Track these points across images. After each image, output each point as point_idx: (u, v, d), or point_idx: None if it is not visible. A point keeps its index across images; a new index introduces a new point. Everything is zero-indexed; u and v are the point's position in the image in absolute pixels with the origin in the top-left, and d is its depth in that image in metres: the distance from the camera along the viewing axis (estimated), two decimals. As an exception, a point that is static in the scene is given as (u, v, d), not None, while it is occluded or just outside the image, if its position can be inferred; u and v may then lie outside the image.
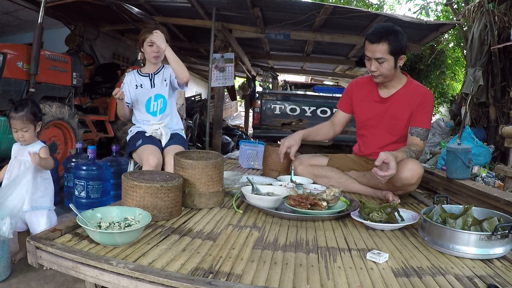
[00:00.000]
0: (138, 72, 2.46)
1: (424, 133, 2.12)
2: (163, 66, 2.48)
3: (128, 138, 2.41)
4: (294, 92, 6.46)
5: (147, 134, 2.28)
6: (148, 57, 2.38)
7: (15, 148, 1.88)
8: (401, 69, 2.21)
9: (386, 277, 1.10)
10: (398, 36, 1.96)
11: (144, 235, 1.33)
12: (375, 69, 2.03)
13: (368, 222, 1.57)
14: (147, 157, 2.03)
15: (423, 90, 2.15)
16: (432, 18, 7.77)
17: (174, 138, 2.33)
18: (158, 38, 2.21)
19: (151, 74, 2.41)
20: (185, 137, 2.51)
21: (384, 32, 1.95)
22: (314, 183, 2.18)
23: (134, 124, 2.44)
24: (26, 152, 1.79)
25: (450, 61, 7.67)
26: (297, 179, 2.23)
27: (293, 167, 2.33)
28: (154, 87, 2.39)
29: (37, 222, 1.79)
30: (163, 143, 2.27)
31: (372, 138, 2.31)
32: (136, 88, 2.38)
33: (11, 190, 1.66)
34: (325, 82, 12.35)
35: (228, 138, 7.35)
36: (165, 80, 2.41)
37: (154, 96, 2.38)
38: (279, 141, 5.46)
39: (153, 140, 2.24)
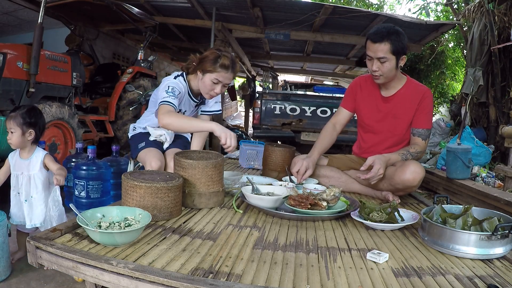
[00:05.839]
0: (189, 92, 2.12)
1: (425, 133, 2.16)
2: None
3: (130, 134, 2.35)
4: (294, 92, 6.46)
5: (151, 138, 2.21)
6: (204, 90, 2.05)
7: (13, 161, 1.82)
8: (401, 69, 2.21)
9: (386, 277, 1.10)
10: (400, 36, 1.98)
11: (144, 235, 1.33)
12: (377, 69, 2.03)
13: (368, 222, 1.57)
14: (150, 160, 1.99)
15: (423, 89, 2.17)
16: (432, 18, 7.77)
17: (177, 141, 2.28)
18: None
19: (199, 101, 2.21)
20: (189, 139, 2.47)
21: (386, 32, 1.96)
22: (318, 183, 2.17)
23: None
24: (31, 166, 1.80)
25: (450, 61, 7.67)
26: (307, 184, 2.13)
27: (288, 168, 2.32)
28: (191, 113, 2.25)
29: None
30: (165, 147, 2.25)
31: (373, 137, 2.31)
32: (179, 112, 2.13)
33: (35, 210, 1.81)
34: (325, 82, 12.35)
35: (228, 138, 7.33)
36: (198, 108, 2.28)
37: None
38: (279, 142, 5.50)
39: (156, 143, 2.21)
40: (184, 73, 2.12)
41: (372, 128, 2.29)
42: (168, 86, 1.97)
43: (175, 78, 2.07)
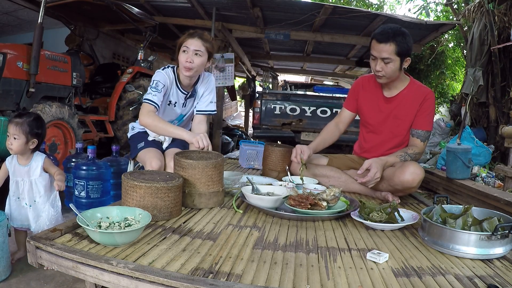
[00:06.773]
0: (177, 82, 2.14)
1: (425, 135, 2.15)
2: (199, 80, 2.20)
3: (129, 134, 2.35)
4: (294, 92, 6.46)
5: (149, 138, 2.22)
6: (180, 66, 2.07)
7: (11, 166, 1.81)
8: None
9: (386, 277, 1.10)
10: (406, 37, 1.96)
11: (144, 235, 1.33)
12: (380, 69, 2.02)
13: (368, 222, 1.57)
14: (150, 160, 1.99)
15: (426, 90, 2.16)
16: (432, 18, 7.77)
17: (177, 141, 2.27)
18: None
19: (188, 93, 2.20)
20: None
21: (392, 32, 1.95)
22: (318, 183, 2.17)
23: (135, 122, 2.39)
24: (31, 172, 1.80)
25: (450, 61, 7.67)
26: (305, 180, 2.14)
27: (288, 168, 2.33)
28: (184, 107, 2.24)
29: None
30: (164, 147, 2.25)
31: (375, 138, 2.31)
32: (169, 105, 2.17)
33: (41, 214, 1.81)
34: (325, 82, 12.36)
35: (228, 138, 7.34)
36: (196, 102, 2.25)
37: (178, 116, 2.27)
38: (279, 141, 5.50)
39: (156, 143, 2.21)
40: (175, 66, 2.18)
41: (374, 128, 2.29)
42: (153, 81, 2.06)
43: (163, 69, 2.13)
